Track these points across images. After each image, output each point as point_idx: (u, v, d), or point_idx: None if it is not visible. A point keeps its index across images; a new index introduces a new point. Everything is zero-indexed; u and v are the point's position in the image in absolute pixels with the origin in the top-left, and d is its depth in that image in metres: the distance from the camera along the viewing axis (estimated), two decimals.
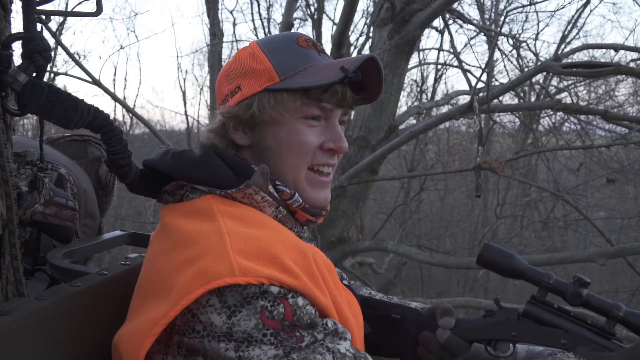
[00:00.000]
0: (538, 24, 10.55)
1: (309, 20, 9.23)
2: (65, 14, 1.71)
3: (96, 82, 5.09)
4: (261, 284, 0.78)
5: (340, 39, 4.64)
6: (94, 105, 0.90)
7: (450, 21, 6.70)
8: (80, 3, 3.57)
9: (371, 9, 8.46)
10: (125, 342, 0.83)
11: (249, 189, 0.91)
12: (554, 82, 8.54)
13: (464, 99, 6.97)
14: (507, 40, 7.75)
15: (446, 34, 7.88)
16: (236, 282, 0.76)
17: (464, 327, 1.07)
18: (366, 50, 9.13)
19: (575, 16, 7.32)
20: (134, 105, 12.92)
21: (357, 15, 9.64)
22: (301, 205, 0.98)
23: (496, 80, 6.36)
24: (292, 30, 6.23)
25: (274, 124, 0.96)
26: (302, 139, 0.96)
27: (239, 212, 0.89)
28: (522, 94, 7.85)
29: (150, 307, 0.82)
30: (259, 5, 9.73)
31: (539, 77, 7.71)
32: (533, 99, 8.86)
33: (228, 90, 1.00)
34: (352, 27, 8.33)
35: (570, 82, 7.85)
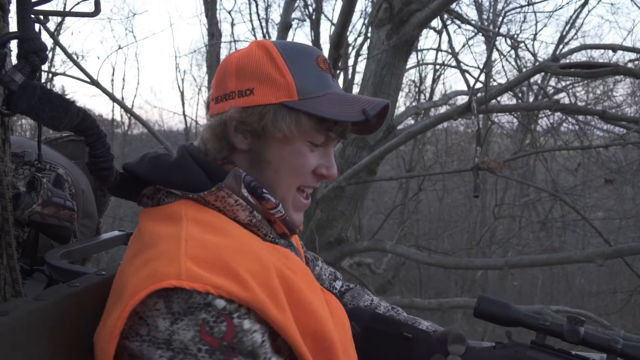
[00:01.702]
0: (536, 25, 10.59)
1: (307, 20, 9.27)
2: (64, 14, 1.71)
3: (94, 82, 5.10)
4: (207, 293, 0.76)
5: (339, 39, 4.64)
6: (83, 108, 0.90)
7: (449, 22, 6.72)
8: (78, 3, 3.58)
9: (369, 10, 8.48)
10: (96, 348, 0.84)
11: (221, 191, 0.89)
12: (552, 82, 8.56)
13: (462, 99, 6.99)
14: (505, 41, 7.78)
15: (444, 35, 7.92)
16: (181, 285, 0.75)
17: (473, 355, 1.07)
18: (364, 51, 9.14)
19: (574, 16, 7.35)
20: (132, 105, 12.95)
21: (356, 16, 9.64)
22: (283, 217, 0.97)
23: (494, 80, 6.36)
24: (292, 30, 6.23)
25: (282, 141, 0.95)
26: (304, 161, 0.96)
27: (207, 218, 0.88)
28: (520, 95, 7.87)
29: (111, 313, 0.82)
30: (257, 5, 9.77)
31: (537, 78, 7.74)
32: (531, 99, 8.89)
33: (236, 88, 0.96)
34: (350, 28, 8.34)
35: (568, 82, 7.86)
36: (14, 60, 0.84)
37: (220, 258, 0.80)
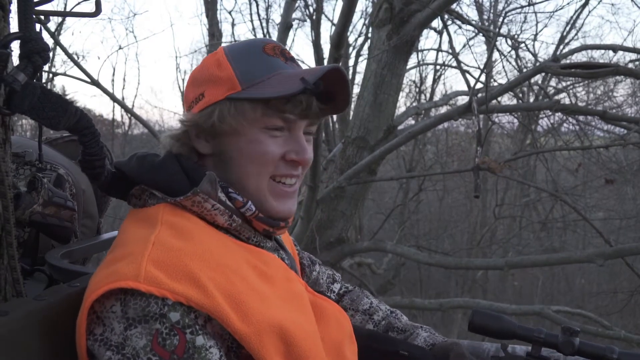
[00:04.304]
0: (537, 25, 10.59)
1: (308, 20, 9.26)
2: (64, 14, 1.71)
3: (95, 83, 5.10)
4: (164, 299, 0.76)
5: (339, 39, 4.63)
6: (80, 107, 0.92)
7: (449, 22, 6.72)
8: (79, 3, 3.58)
9: (370, 10, 8.48)
10: None
11: (197, 196, 0.89)
12: (553, 82, 8.57)
13: (462, 100, 6.99)
14: (506, 41, 7.79)
15: (445, 35, 7.91)
16: (138, 287, 0.75)
17: None
18: (365, 51, 9.14)
19: (574, 17, 7.38)
20: (133, 105, 12.97)
21: (356, 16, 9.68)
22: (254, 214, 0.95)
23: (495, 81, 6.37)
24: (293, 31, 6.23)
25: (235, 134, 0.94)
26: (263, 149, 0.94)
27: (181, 222, 0.88)
28: (520, 95, 7.87)
29: (80, 310, 0.82)
30: (257, 5, 9.78)
31: (538, 78, 7.74)
32: (532, 99, 8.89)
33: (193, 96, 0.98)
34: (350, 28, 8.34)
35: (568, 82, 7.87)
36: (16, 61, 0.85)
37: (182, 263, 0.79)
